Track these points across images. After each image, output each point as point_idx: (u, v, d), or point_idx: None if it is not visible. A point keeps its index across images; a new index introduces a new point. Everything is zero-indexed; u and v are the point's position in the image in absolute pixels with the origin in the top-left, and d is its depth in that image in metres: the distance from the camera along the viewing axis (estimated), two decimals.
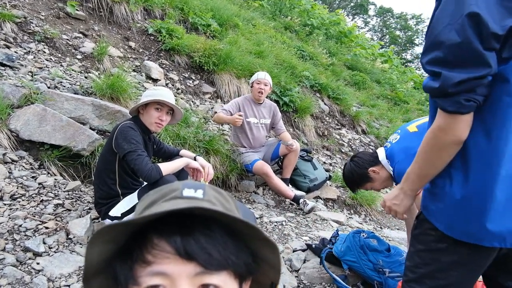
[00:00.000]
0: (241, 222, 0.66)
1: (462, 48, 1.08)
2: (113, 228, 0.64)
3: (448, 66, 1.11)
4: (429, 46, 1.16)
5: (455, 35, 1.08)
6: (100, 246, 0.66)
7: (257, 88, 4.49)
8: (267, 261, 0.75)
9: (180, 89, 5.25)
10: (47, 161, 3.18)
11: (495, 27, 1.05)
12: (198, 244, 0.64)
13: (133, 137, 2.61)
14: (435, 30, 1.15)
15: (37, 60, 4.01)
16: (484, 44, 1.06)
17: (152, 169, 2.56)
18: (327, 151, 6.38)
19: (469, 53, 1.08)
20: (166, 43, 5.57)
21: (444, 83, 1.11)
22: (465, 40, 1.07)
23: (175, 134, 3.99)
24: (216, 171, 4.16)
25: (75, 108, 3.50)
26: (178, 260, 0.63)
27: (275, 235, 3.50)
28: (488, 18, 1.04)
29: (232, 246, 0.68)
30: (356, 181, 2.77)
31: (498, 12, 1.06)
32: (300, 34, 10.99)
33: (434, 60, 1.14)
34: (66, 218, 2.80)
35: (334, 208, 4.84)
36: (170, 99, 2.78)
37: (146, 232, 0.67)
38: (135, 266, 0.65)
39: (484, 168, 1.20)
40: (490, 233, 1.22)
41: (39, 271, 2.31)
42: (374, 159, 2.68)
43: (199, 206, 0.63)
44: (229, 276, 0.67)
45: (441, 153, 1.25)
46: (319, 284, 2.89)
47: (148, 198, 0.72)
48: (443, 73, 1.11)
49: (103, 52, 4.59)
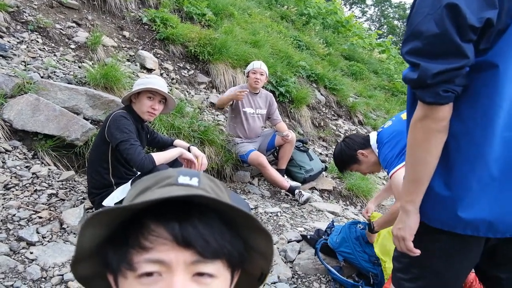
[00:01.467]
0: (238, 211, 0.66)
1: (440, 39, 1.07)
2: (110, 212, 0.64)
3: (427, 56, 1.11)
4: (409, 35, 1.16)
5: (434, 26, 1.07)
6: (95, 229, 0.66)
7: (253, 78, 4.46)
8: (259, 251, 0.75)
9: (175, 79, 5.22)
10: (40, 151, 3.16)
11: (472, 19, 1.04)
12: (196, 231, 0.64)
13: (126, 126, 2.60)
14: (415, 19, 1.14)
15: (30, 50, 3.97)
16: (462, 36, 1.06)
17: (145, 159, 2.55)
18: (323, 142, 6.38)
19: (447, 44, 1.07)
20: (160, 33, 5.51)
21: (422, 74, 1.11)
22: (443, 31, 1.06)
23: (170, 124, 3.98)
24: (211, 161, 4.15)
25: (69, 98, 3.48)
26: (175, 247, 0.63)
27: (270, 226, 3.51)
28: (466, 9, 1.04)
29: (227, 234, 0.68)
30: (344, 161, 2.83)
31: (477, 3, 1.05)
32: (297, 23, 10.89)
33: (413, 50, 1.14)
34: (60, 208, 2.80)
35: (329, 199, 4.85)
36: (162, 87, 2.76)
37: (142, 217, 0.66)
38: (130, 250, 0.65)
39: (462, 158, 1.21)
40: (462, 221, 1.23)
41: (32, 260, 2.31)
42: (365, 142, 2.73)
43: (199, 194, 0.63)
44: (223, 265, 0.68)
45: (427, 145, 1.22)
46: (314, 275, 2.90)
47: (141, 184, 0.72)
48: (421, 64, 1.11)
49: (97, 42, 4.54)
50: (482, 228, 1.23)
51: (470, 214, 1.22)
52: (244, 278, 0.80)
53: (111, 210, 0.63)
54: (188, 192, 0.64)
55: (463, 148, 1.20)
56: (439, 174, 1.25)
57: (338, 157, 2.87)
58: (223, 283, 0.69)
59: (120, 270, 0.66)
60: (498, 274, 1.39)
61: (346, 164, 2.85)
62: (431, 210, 1.30)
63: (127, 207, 0.63)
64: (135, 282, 0.64)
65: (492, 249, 1.33)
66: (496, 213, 1.22)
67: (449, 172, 1.24)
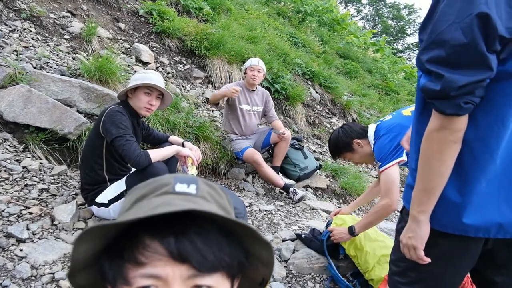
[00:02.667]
0: (237, 224, 0.65)
1: (467, 49, 1.04)
2: (102, 228, 0.62)
3: (450, 67, 1.07)
4: (430, 43, 1.11)
5: (461, 35, 1.03)
6: (88, 243, 0.64)
7: (250, 75, 4.43)
8: (260, 258, 0.74)
9: (171, 73, 5.15)
10: (32, 144, 3.08)
11: (502, 30, 1.02)
12: (193, 246, 0.62)
13: (121, 122, 2.53)
14: (438, 27, 1.09)
15: (23, 39, 3.87)
16: (489, 47, 1.03)
17: (141, 156, 2.49)
18: (317, 140, 6.36)
19: (473, 55, 1.04)
20: (157, 26, 5.45)
21: (446, 86, 1.07)
22: (471, 41, 1.02)
23: (165, 120, 3.92)
24: (206, 158, 4.11)
25: (62, 90, 3.40)
26: (171, 262, 0.61)
27: (264, 224, 3.48)
28: (497, 19, 1.01)
29: (226, 247, 0.66)
30: (339, 147, 2.83)
31: (506, 13, 1.02)
32: (293, 20, 10.88)
33: (436, 59, 1.10)
34: (51, 204, 2.73)
35: (323, 198, 4.84)
36: (160, 83, 2.70)
37: (137, 229, 0.64)
38: (125, 265, 0.63)
39: (475, 164, 1.20)
40: (474, 225, 1.24)
41: (22, 258, 2.25)
42: (363, 132, 2.74)
43: (194, 209, 0.60)
44: (222, 276, 0.66)
45: (442, 156, 1.19)
46: (308, 274, 2.88)
47: (137, 192, 0.70)
48: (445, 76, 1.07)
49: (92, 33, 4.45)
50: (493, 230, 1.24)
51: (482, 218, 1.23)
52: (245, 282, 0.79)
53: (103, 226, 0.61)
54: (183, 207, 0.61)
55: (477, 155, 1.19)
56: (451, 180, 1.24)
57: (333, 142, 2.85)
58: None
59: (115, 284, 0.65)
60: (493, 278, 1.39)
61: (340, 151, 2.84)
62: (441, 215, 1.29)
63: (119, 223, 0.61)
64: None
65: (490, 252, 1.33)
66: (507, 215, 1.22)
67: (461, 178, 1.23)
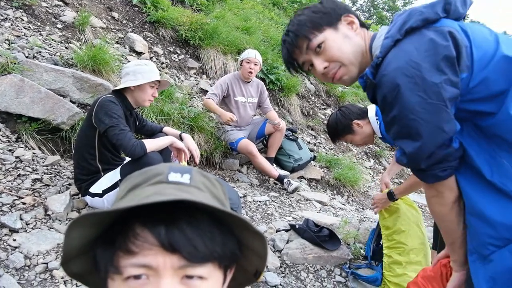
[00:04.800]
0: (229, 215, 0.64)
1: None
2: (94, 215, 0.61)
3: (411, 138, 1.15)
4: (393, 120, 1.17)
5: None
6: (81, 231, 0.64)
7: (247, 67, 4.40)
8: (254, 250, 0.74)
9: (165, 63, 5.12)
10: (25, 134, 3.06)
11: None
12: (184, 236, 0.62)
13: (114, 112, 2.52)
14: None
15: (15, 28, 3.83)
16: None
17: (136, 145, 2.48)
18: (312, 131, 6.37)
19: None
20: (151, 15, 5.40)
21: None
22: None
23: (159, 110, 3.90)
24: (200, 148, 4.10)
25: (55, 79, 3.36)
26: (162, 252, 0.61)
27: (258, 214, 3.49)
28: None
29: (218, 237, 0.66)
30: (338, 130, 2.79)
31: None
32: (288, 11, 10.81)
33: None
34: (45, 194, 2.72)
35: (317, 189, 4.85)
36: (159, 73, 2.76)
37: (129, 217, 0.64)
38: (117, 253, 0.63)
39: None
40: None
41: (15, 248, 2.25)
42: (362, 113, 2.72)
43: (185, 198, 0.60)
44: (214, 266, 0.66)
45: (449, 217, 1.26)
46: (302, 264, 2.90)
47: (131, 180, 0.70)
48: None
49: (85, 22, 4.40)
50: None
51: None
52: (240, 272, 0.79)
53: (95, 214, 0.61)
54: (175, 196, 0.60)
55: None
56: None
57: (332, 126, 2.82)
58: (214, 284, 0.67)
59: (107, 272, 0.65)
60: None
61: (340, 134, 2.80)
62: None
63: (111, 211, 0.61)
64: (123, 284, 0.63)
65: None
66: None
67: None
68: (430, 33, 1.10)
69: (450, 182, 1.20)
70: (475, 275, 1.21)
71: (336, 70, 1.32)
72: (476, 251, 1.21)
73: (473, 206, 1.18)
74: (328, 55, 1.30)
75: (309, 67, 1.39)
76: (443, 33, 1.08)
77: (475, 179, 1.17)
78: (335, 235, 3.10)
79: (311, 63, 1.36)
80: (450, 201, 1.22)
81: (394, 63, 1.11)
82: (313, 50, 1.32)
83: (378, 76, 1.16)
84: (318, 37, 1.30)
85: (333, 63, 1.31)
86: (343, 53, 1.29)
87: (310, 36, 1.30)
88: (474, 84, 1.09)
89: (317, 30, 1.30)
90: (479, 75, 1.08)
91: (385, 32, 1.21)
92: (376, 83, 1.17)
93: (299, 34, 1.32)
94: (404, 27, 1.14)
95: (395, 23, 1.19)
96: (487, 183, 1.14)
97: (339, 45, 1.29)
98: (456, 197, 1.22)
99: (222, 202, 0.72)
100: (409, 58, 1.08)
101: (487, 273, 1.16)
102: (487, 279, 1.15)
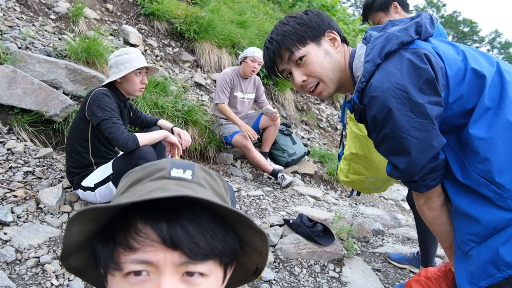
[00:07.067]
0: (232, 212, 0.64)
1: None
2: (95, 210, 0.61)
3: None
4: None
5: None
6: (81, 226, 0.63)
7: (251, 65, 4.32)
8: (254, 247, 0.73)
9: (159, 56, 5.08)
10: (16, 126, 3.02)
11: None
12: (185, 232, 0.61)
13: (107, 105, 2.50)
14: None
15: (7, 18, 3.77)
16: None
17: (128, 138, 2.46)
18: (306, 126, 6.37)
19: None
20: (145, 8, 5.36)
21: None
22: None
23: (153, 103, 3.87)
24: (194, 142, 4.09)
25: (48, 71, 3.32)
26: (163, 248, 0.61)
27: (252, 209, 3.49)
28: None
29: (220, 234, 0.65)
30: (375, 5, 2.66)
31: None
32: (283, 5, 10.79)
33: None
34: (37, 187, 2.69)
35: (311, 183, 4.86)
36: (144, 59, 2.71)
37: (130, 213, 0.63)
38: (117, 249, 0.63)
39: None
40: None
41: (6, 241, 2.22)
42: (404, 1, 2.63)
43: (187, 195, 0.59)
44: (215, 263, 0.66)
45: (440, 219, 1.35)
46: (296, 259, 2.90)
47: (133, 175, 0.69)
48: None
49: (79, 13, 4.36)
50: None
51: None
52: (240, 270, 0.79)
53: (98, 208, 0.60)
54: (177, 192, 0.60)
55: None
56: None
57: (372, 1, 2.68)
58: (214, 281, 0.67)
59: (107, 267, 0.64)
60: None
61: (376, 8, 2.66)
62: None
63: (112, 206, 0.61)
64: (123, 281, 0.62)
65: None
66: None
67: None
68: (407, 54, 1.19)
69: (437, 188, 1.30)
70: (458, 271, 1.29)
71: (314, 85, 1.38)
72: (459, 247, 1.29)
73: (454, 205, 1.28)
74: (309, 70, 1.35)
75: (288, 75, 1.44)
76: (420, 56, 1.18)
77: (452, 180, 1.27)
78: (329, 230, 3.10)
79: (290, 72, 1.41)
80: (439, 204, 1.33)
81: (381, 86, 1.18)
82: (294, 62, 1.37)
83: (365, 98, 1.23)
84: (301, 50, 1.34)
85: (312, 78, 1.37)
86: (323, 69, 1.35)
87: (293, 49, 1.35)
88: (453, 100, 1.20)
89: (300, 44, 1.34)
90: (456, 91, 1.19)
91: (363, 52, 1.28)
92: (363, 107, 1.25)
93: (283, 45, 1.36)
94: (383, 51, 1.22)
95: (373, 46, 1.26)
96: (460, 183, 1.24)
97: (320, 61, 1.35)
98: (444, 200, 1.33)
99: (223, 198, 0.71)
100: (394, 80, 1.16)
101: (467, 267, 1.23)
102: (467, 273, 1.23)
